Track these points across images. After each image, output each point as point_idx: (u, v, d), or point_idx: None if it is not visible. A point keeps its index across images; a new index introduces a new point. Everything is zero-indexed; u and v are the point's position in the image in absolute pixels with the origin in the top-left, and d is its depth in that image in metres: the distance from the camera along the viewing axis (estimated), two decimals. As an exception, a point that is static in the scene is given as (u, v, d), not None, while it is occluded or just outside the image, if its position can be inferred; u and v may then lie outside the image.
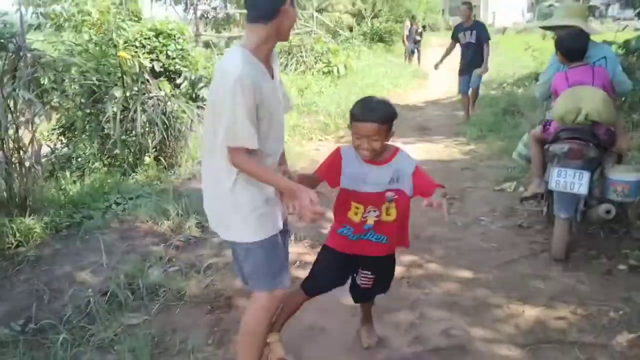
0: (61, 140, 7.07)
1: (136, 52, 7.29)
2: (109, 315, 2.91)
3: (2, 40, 5.47)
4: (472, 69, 8.17)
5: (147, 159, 5.85)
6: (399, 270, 3.61)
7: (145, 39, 7.67)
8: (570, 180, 3.40)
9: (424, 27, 19.88)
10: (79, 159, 6.65)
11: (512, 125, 7.63)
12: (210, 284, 3.30)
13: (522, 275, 3.50)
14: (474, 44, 8.08)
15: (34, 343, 2.68)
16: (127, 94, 6.23)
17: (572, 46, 3.66)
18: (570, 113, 3.47)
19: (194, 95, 7.57)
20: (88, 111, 6.36)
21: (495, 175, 5.62)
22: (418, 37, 17.75)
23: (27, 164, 4.54)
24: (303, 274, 3.52)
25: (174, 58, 7.75)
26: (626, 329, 2.83)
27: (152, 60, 7.58)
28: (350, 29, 23.67)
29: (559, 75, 3.71)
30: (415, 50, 17.82)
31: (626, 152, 3.87)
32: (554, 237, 3.57)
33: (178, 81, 7.66)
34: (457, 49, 8.44)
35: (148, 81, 6.64)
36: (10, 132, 4.46)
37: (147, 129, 6.16)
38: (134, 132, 6.15)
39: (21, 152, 4.54)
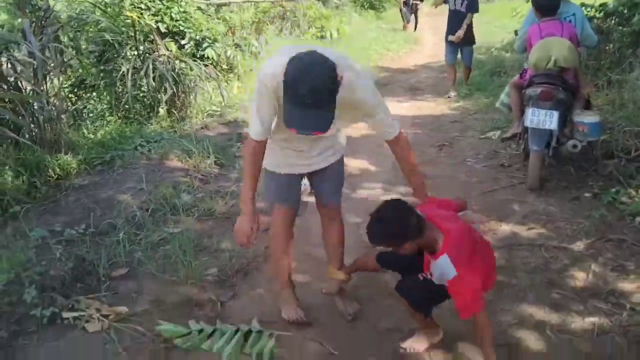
0: (72, 98, 7.48)
1: (142, 13, 7.67)
2: (153, 226, 3.45)
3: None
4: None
5: (161, 111, 6.32)
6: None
7: (150, 1, 8.04)
8: (543, 118, 3.97)
9: None
10: (91, 115, 7.10)
11: (498, 84, 8.09)
12: (235, 204, 3.84)
13: (501, 200, 4.08)
14: (462, 13, 7.75)
15: (95, 242, 3.23)
16: (139, 51, 6.66)
17: (545, 2, 4.20)
18: (541, 60, 4.03)
19: (198, 55, 7.99)
20: (102, 68, 6.77)
21: (481, 126, 6.16)
22: (417, 1, 17.29)
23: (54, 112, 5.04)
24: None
25: (177, 20, 8.13)
26: (584, 237, 3.42)
27: (157, 21, 7.96)
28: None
29: (533, 27, 4.27)
30: (412, 17, 17.47)
31: (587, 96, 4.42)
32: (529, 168, 4.15)
33: (183, 42, 8.07)
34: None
35: (156, 41, 7.08)
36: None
37: (158, 84, 6.61)
38: (146, 87, 6.59)
39: (49, 102, 5.03)
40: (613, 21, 6.88)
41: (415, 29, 17.18)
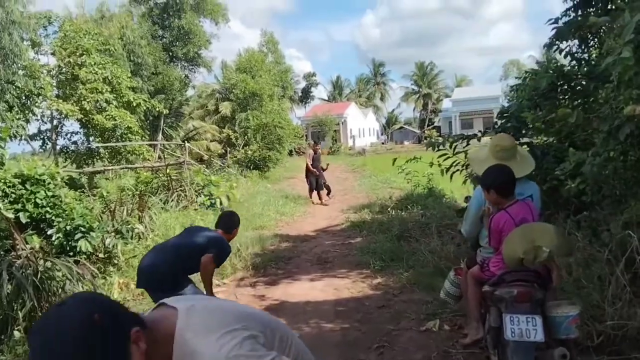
0: None
1: (-3, 203, 6.38)
2: None
3: None
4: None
5: (16, 334, 4.83)
6: None
7: (8, 187, 6.79)
8: (525, 327, 3.22)
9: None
10: None
11: (410, 252, 7.58)
12: None
13: None
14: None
15: None
16: (-11, 255, 5.28)
17: (505, 181, 3.55)
18: (529, 253, 3.31)
19: (68, 248, 6.67)
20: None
21: (414, 312, 5.37)
22: (323, 167, 15.03)
23: None
24: None
25: (43, 206, 6.88)
26: None
27: (17, 210, 6.67)
28: (221, 156, 23.66)
29: (501, 215, 3.57)
30: (322, 184, 14.76)
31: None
32: (518, 392, 3.28)
33: (49, 232, 6.75)
34: None
35: (14, 236, 5.77)
36: None
37: (14, 295, 5.17)
38: (-3, 301, 5.12)
39: None
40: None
41: (329, 194, 14.94)
